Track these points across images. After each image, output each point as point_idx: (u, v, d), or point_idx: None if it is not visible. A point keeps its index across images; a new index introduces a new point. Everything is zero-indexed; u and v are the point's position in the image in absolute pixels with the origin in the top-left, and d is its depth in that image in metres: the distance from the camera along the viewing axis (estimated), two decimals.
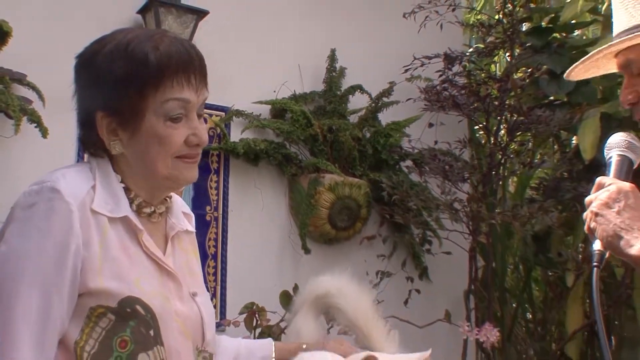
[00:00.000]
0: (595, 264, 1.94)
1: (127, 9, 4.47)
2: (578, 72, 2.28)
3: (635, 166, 2.07)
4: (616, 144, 2.07)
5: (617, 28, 2.12)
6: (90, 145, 2.15)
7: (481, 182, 5.05)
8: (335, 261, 4.71)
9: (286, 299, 4.03)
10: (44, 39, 4.14)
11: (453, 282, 5.05)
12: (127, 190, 2.12)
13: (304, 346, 2.44)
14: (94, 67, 2.12)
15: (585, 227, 2.00)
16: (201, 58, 2.09)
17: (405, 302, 4.74)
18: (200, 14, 4.50)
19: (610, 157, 2.07)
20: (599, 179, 2.03)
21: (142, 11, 4.47)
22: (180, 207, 2.31)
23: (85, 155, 2.33)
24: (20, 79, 4.01)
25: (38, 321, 1.95)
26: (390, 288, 4.67)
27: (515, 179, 5.70)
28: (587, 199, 2.01)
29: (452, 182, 4.87)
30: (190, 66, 2.10)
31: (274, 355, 2.46)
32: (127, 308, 1.99)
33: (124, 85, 2.07)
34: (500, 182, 5.38)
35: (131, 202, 2.11)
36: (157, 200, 2.17)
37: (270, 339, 2.59)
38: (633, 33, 2.04)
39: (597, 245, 1.95)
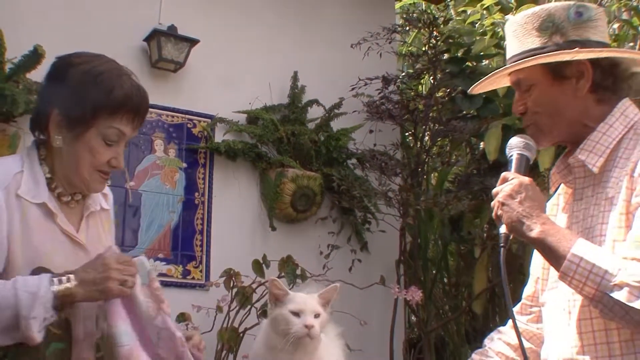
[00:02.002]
0: (502, 245, 1.90)
1: (135, 38, 4.44)
2: (480, 88, 2.27)
3: (531, 162, 2.03)
4: (515, 144, 2.02)
5: (509, 52, 2.11)
6: (38, 130, 2.14)
7: (410, 176, 5.03)
8: (295, 237, 4.77)
9: (257, 266, 4.02)
10: None
11: (387, 254, 5.03)
12: (50, 179, 2.09)
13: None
14: (67, 75, 2.10)
15: (493, 214, 1.94)
16: (147, 103, 2.12)
17: (350, 269, 4.73)
18: (193, 42, 4.47)
19: (511, 156, 2.01)
20: (503, 174, 1.96)
21: (147, 39, 4.44)
22: None
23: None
24: None
25: None
26: (338, 258, 4.72)
27: (436, 174, 5.69)
28: (494, 191, 1.95)
29: (387, 176, 4.87)
30: (139, 110, 2.13)
31: None
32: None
33: (85, 101, 2.06)
34: (425, 177, 5.37)
35: (53, 189, 2.09)
36: (73, 191, 2.15)
37: None
38: (522, 58, 2.02)
39: (502, 229, 1.89)
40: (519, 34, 2.08)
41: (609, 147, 1.95)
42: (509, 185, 1.91)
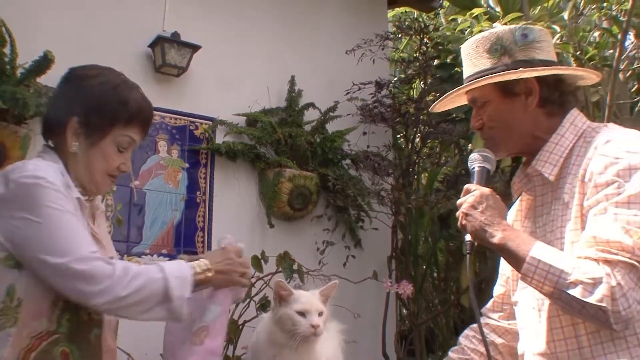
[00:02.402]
0: (468, 252, 1.98)
1: (140, 44, 4.46)
2: (440, 106, 2.35)
3: (491, 173, 2.11)
4: (476, 158, 2.09)
5: (465, 73, 2.19)
6: (51, 136, 2.19)
7: (401, 176, 5.05)
8: (292, 234, 4.78)
9: (256, 261, 3.97)
10: (73, 65, 4.09)
11: (379, 250, 5.04)
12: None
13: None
14: (85, 86, 2.16)
15: (459, 224, 2.01)
16: (153, 114, 2.26)
17: (344, 265, 4.74)
18: (195, 48, 4.49)
19: (473, 168, 2.09)
20: (466, 186, 2.05)
21: (152, 45, 4.45)
22: None
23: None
24: None
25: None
26: (333, 254, 4.73)
27: (426, 174, 5.69)
28: (458, 202, 2.03)
29: (380, 176, 4.88)
30: (148, 121, 2.24)
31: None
32: None
33: (103, 110, 2.14)
34: (415, 177, 5.37)
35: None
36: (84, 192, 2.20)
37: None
38: (475, 78, 2.11)
39: (468, 237, 1.97)
40: (472, 57, 2.17)
41: (562, 156, 2.04)
42: (471, 196, 1.99)
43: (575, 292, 1.75)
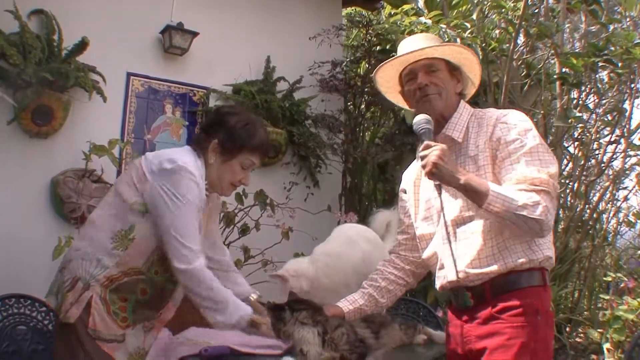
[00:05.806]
0: (439, 193, 2.06)
1: (153, 31, 4.54)
2: (382, 70, 2.37)
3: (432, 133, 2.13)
4: (421, 121, 2.08)
5: (411, 48, 2.21)
6: (198, 146, 2.41)
7: (350, 133, 5.17)
8: (267, 176, 4.78)
9: (238, 197, 4.11)
10: (103, 47, 4.19)
11: (332, 189, 5.14)
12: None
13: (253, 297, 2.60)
14: (226, 120, 2.39)
15: (426, 172, 2.01)
16: (270, 146, 2.37)
17: (305, 200, 4.87)
18: (195, 34, 4.55)
19: (422, 130, 2.07)
20: (425, 143, 2.03)
21: (162, 32, 4.53)
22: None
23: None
24: (92, 69, 4.10)
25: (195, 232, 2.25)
26: (297, 192, 4.84)
27: (369, 132, 5.70)
28: (421, 154, 2.01)
29: (334, 133, 4.98)
30: (266, 151, 2.51)
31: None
32: None
33: (236, 139, 2.36)
34: (361, 134, 5.44)
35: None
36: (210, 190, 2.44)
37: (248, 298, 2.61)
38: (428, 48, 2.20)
39: (437, 181, 2.04)
40: (418, 38, 2.27)
41: (464, 125, 2.21)
42: (436, 150, 2.00)
43: (524, 212, 1.96)
